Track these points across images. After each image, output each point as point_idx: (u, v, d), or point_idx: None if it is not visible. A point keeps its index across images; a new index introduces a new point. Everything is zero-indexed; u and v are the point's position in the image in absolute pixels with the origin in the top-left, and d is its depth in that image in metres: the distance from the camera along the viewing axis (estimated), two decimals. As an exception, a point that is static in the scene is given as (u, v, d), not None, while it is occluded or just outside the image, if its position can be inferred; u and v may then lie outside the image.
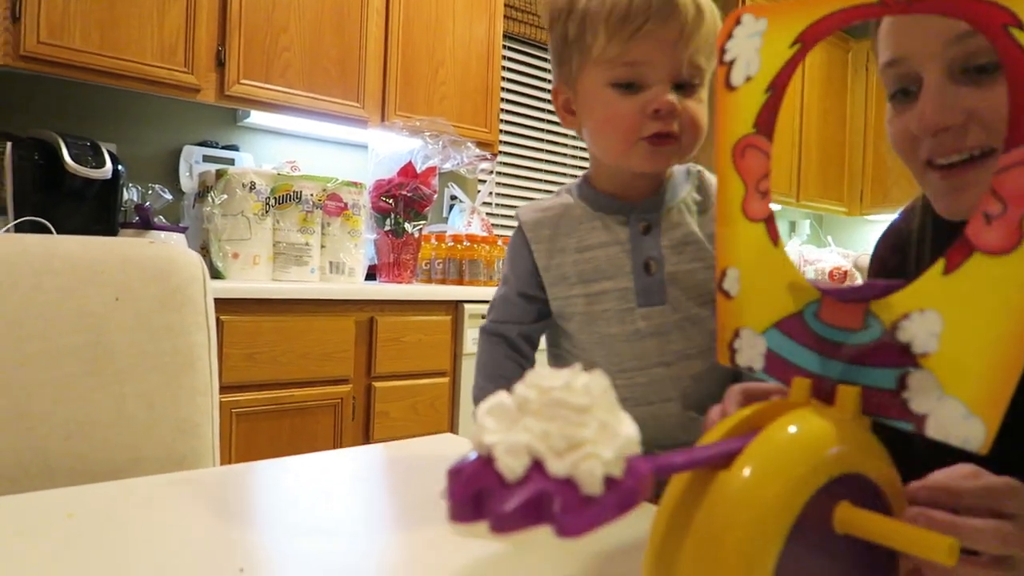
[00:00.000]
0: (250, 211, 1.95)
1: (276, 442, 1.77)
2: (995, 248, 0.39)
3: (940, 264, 0.41)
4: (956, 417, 0.40)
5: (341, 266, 2.10)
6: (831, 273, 3.68)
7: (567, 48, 0.70)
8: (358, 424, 1.92)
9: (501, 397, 0.32)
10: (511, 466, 0.29)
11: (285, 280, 1.97)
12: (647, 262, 0.73)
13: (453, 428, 2.11)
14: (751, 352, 0.51)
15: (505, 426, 0.31)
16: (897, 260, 0.72)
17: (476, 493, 0.29)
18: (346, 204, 2.11)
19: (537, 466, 0.29)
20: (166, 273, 0.96)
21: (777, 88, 0.49)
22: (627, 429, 0.31)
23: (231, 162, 2.23)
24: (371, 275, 2.28)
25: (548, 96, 3.26)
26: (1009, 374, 0.39)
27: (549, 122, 3.29)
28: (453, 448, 0.88)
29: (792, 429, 0.38)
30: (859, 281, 3.25)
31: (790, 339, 0.48)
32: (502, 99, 3.03)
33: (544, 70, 3.24)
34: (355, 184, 2.14)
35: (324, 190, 2.08)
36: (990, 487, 0.41)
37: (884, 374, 0.43)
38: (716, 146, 0.53)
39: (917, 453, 0.45)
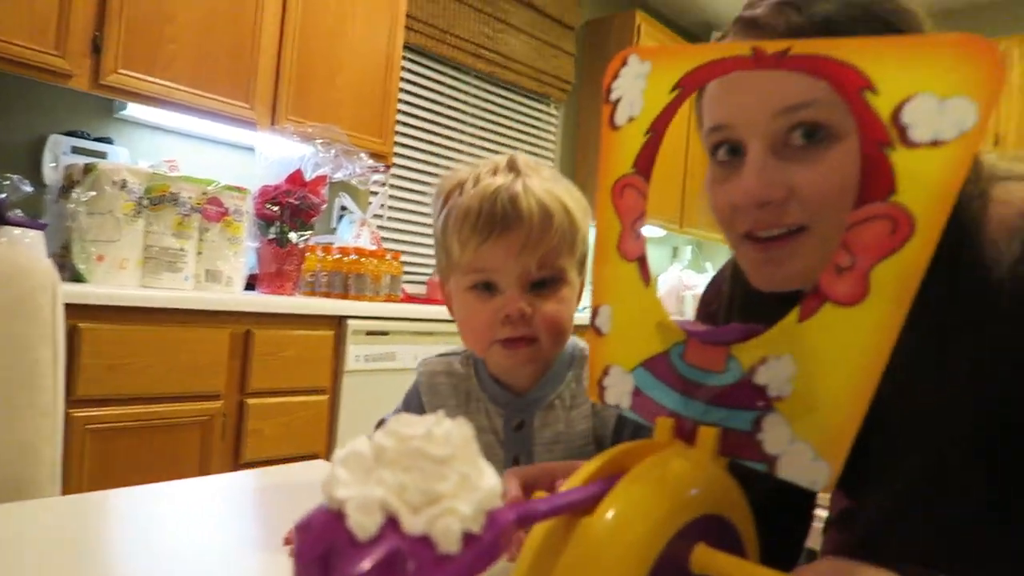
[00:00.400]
0: (120, 210, 1.81)
1: (135, 462, 1.65)
2: (845, 299, 0.41)
3: (795, 312, 0.43)
4: (805, 459, 0.42)
5: (218, 275, 1.99)
6: (708, 300, 3.87)
7: (439, 248, 0.74)
8: (228, 443, 1.82)
9: (358, 445, 0.30)
10: (363, 524, 0.27)
11: (156, 287, 1.84)
12: (516, 457, 0.74)
13: (330, 448, 2.04)
14: (620, 390, 0.51)
15: (359, 477, 0.29)
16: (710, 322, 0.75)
17: (325, 552, 0.27)
18: (227, 209, 2.00)
19: (392, 522, 0.28)
20: (9, 279, 0.87)
21: (657, 130, 0.51)
22: (488, 481, 0.30)
23: (103, 156, 2.07)
24: (251, 285, 2.18)
25: (446, 111, 3.26)
26: (853, 421, 0.41)
27: (446, 136, 3.28)
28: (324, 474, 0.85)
29: (653, 473, 0.38)
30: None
31: (656, 378, 0.49)
32: (399, 110, 2.99)
33: (443, 84, 3.24)
34: (238, 189, 2.04)
35: (204, 193, 1.97)
36: None
37: (742, 416, 0.44)
38: (598, 184, 0.54)
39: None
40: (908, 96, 0.39)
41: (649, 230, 4.09)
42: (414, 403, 0.81)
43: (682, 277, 4.02)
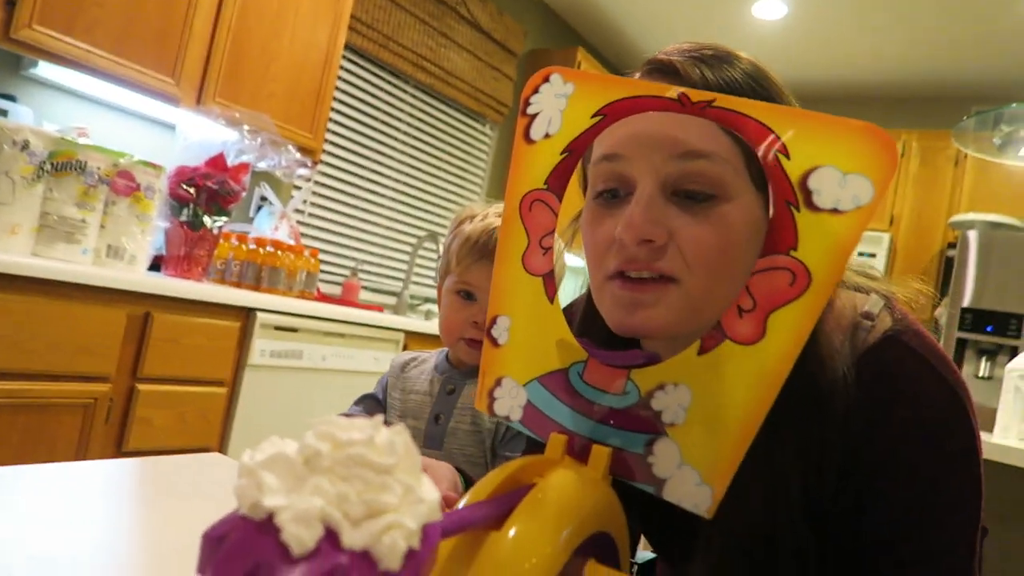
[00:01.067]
0: (17, 172, 1.69)
1: (4, 443, 1.53)
2: (743, 338, 0.45)
3: (696, 345, 0.46)
4: (690, 484, 0.44)
5: (121, 251, 1.88)
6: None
7: (444, 256, 0.91)
8: (112, 429, 1.71)
9: (281, 447, 0.27)
10: (300, 537, 0.24)
11: (49, 257, 1.73)
12: (438, 415, 0.89)
13: (223, 443, 1.95)
14: (511, 402, 0.52)
15: (290, 485, 0.26)
16: None
17: (251, 568, 0.24)
18: (139, 185, 1.91)
19: (330, 535, 0.25)
20: None
21: (574, 152, 0.51)
22: (430, 494, 0.28)
23: (3, 113, 1.93)
24: (156, 266, 2.08)
25: (381, 115, 3.23)
26: (739, 451, 0.44)
27: (378, 141, 3.25)
28: (221, 470, 0.81)
29: (555, 493, 0.39)
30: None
31: (552, 394, 0.50)
32: (333, 108, 2.94)
33: (381, 89, 3.21)
34: (153, 165, 1.94)
35: (115, 165, 1.87)
36: None
37: (635, 438, 0.46)
38: (506, 194, 0.54)
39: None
40: (816, 165, 0.43)
41: (573, 260, 4.16)
42: (381, 382, 0.99)
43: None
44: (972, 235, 3.38)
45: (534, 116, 0.52)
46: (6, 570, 0.45)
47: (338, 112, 3.03)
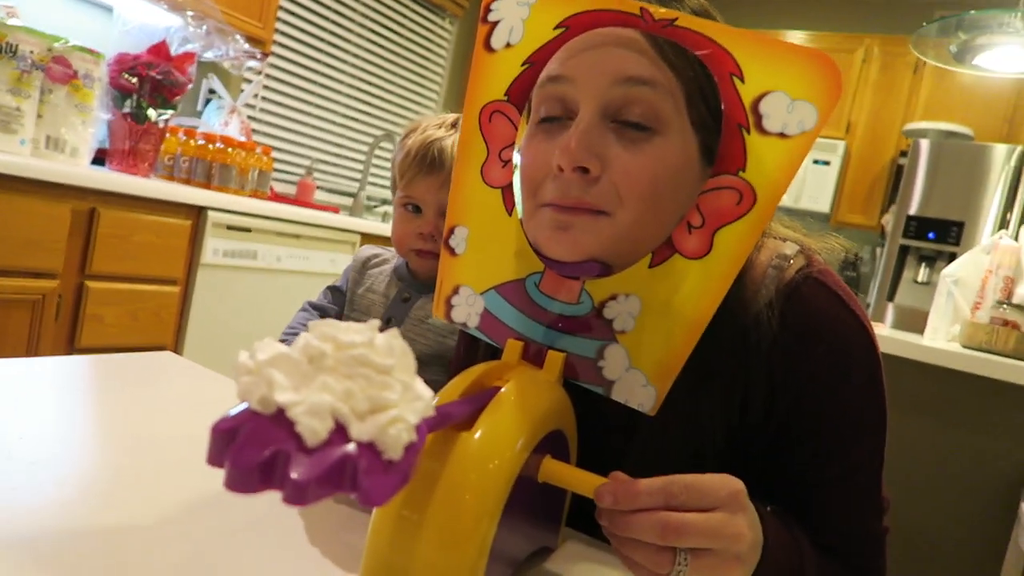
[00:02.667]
0: (-58, 54, 1.58)
1: (-51, 336, 1.51)
2: (691, 252, 0.48)
3: (648, 258, 0.49)
4: (637, 385, 0.48)
5: (62, 143, 1.80)
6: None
7: (393, 170, 0.92)
8: (63, 326, 1.70)
9: (282, 348, 0.29)
10: (314, 429, 0.26)
11: (-17, 147, 1.65)
12: (389, 318, 0.92)
13: (178, 342, 1.96)
14: (468, 310, 0.54)
15: (296, 382, 0.28)
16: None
17: (269, 458, 0.25)
18: (76, 72, 1.80)
19: (339, 428, 0.27)
20: None
21: (537, 64, 0.51)
22: (425, 391, 0.30)
23: (-79, -13, 1.78)
24: (99, 160, 2.00)
25: (334, 4, 3.07)
26: (682, 356, 0.47)
27: (332, 33, 3.10)
28: (173, 368, 0.82)
29: (517, 397, 0.41)
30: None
31: (508, 303, 0.52)
32: (283, -5, 2.78)
33: (334, -24, 3.03)
34: (91, 52, 1.83)
35: (50, 50, 1.76)
36: (663, 484, 0.41)
37: (587, 344, 0.50)
38: (465, 104, 0.53)
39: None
40: (767, 90, 0.45)
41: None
42: (342, 280, 1.00)
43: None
44: (924, 143, 3.45)
45: (495, 24, 0.51)
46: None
47: (289, 0, 2.87)
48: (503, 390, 0.41)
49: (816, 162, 3.90)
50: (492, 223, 0.53)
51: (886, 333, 1.84)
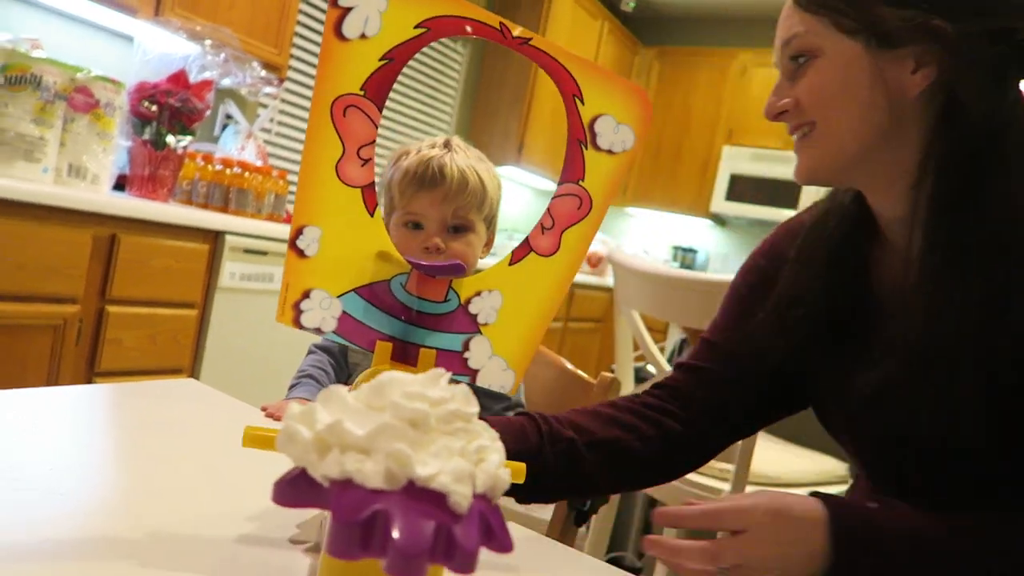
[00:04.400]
0: (-31, 86, 1.63)
1: (-27, 361, 1.53)
2: (544, 251, 0.54)
3: (508, 257, 0.54)
4: (498, 370, 0.54)
5: (83, 171, 1.84)
6: (589, 256, 4.01)
7: (385, 195, 0.94)
8: (83, 350, 1.72)
9: (372, 418, 0.28)
10: (463, 495, 0.26)
11: (7, 176, 1.68)
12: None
13: (196, 365, 1.98)
14: (323, 313, 0.53)
15: (421, 447, 0.27)
16: (758, 295, 0.76)
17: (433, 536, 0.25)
18: (98, 101, 1.84)
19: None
20: None
21: (396, 61, 0.51)
22: (485, 428, 0.31)
23: (-51, 21, 1.84)
24: (119, 186, 2.04)
25: (349, 30, 3.11)
26: (536, 341, 0.54)
27: (346, 58, 3.14)
28: (196, 396, 0.83)
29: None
30: (609, 268, 3.57)
31: (372, 305, 0.53)
32: (299, 22, 2.83)
33: (348, 2, 3.08)
34: (112, 81, 1.88)
35: (72, 80, 1.80)
36: (706, 511, 0.56)
37: (453, 338, 0.54)
38: (314, 94, 0.51)
39: None
40: (600, 113, 0.53)
41: (539, 181, 4.15)
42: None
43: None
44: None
45: (348, 10, 0.49)
46: None
47: (304, 27, 2.92)
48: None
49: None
50: (350, 224, 0.52)
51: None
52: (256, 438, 0.43)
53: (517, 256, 0.54)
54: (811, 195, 0.79)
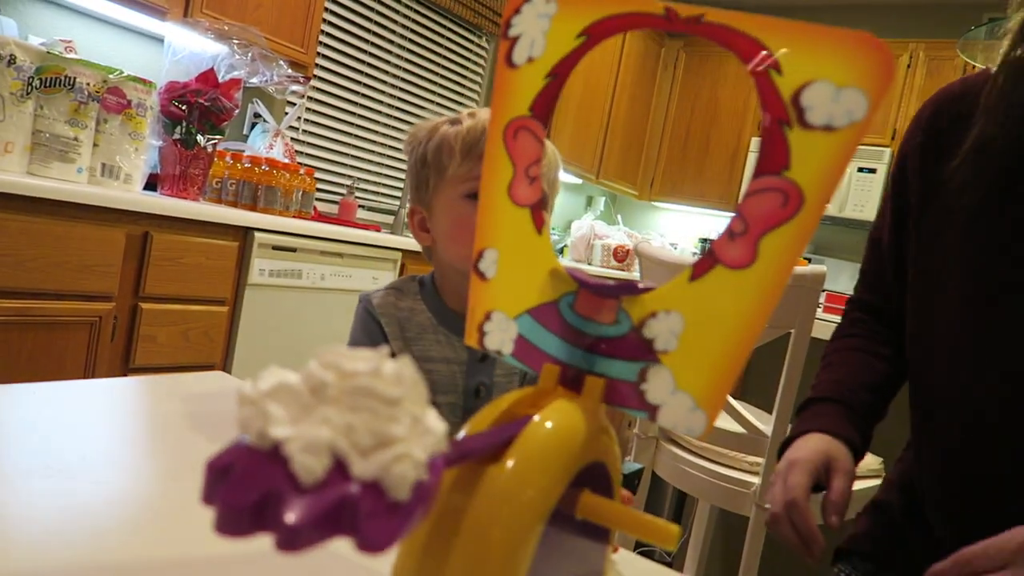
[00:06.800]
0: (7, 89, 1.66)
1: (14, 359, 1.57)
2: (735, 263, 0.44)
3: (687, 271, 0.46)
4: (684, 409, 0.45)
5: (116, 170, 1.88)
6: (616, 250, 3.98)
7: (424, 169, 0.81)
8: (118, 346, 1.76)
9: (286, 376, 0.27)
10: (310, 467, 0.24)
11: (44, 176, 1.72)
12: (478, 387, 0.80)
13: (227, 360, 2.01)
14: (502, 336, 0.52)
15: (295, 415, 0.26)
16: (949, 136, 0.78)
17: (260, 498, 0.24)
18: (129, 101, 1.88)
19: (339, 466, 0.25)
20: None
21: (559, 75, 0.50)
22: (437, 424, 0.28)
23: (-14, 25, 1.88)
24: (151, 185, 2.07)
25: (374, 27, 3.14)
26: (731, 375, 0.45)
27: (372, 55, 3.16)
28: (226, 388, 0.85)
29: (551, 424, 0.40)
30: (637, 262, 3.55)
31: (542, 327, 0.50)
32: (324, 20, 2.85)
33: (373, -1, 3.10)
34: (143, 81, 1.91)
35: (105, 81, 1.83)
36: (956, 559, 0.56)
37: (627, 367, 0.47)
38: (490, 122, 0.52)
39: None
40: (809, 80, 0.42)
41: (566, 176, 4.13)
42: (372, 326, 0.84)
43: (594, 227, 4.10)
44: (972, 154, 3.34)
45: (516, 39, 0.50)
46: (25, 478, 0.48)
47: (330, 24, 2.94)
48: (536, 418, 0.39)
49: (861, 170, 3.82)
50: (522, 244, 0.52)
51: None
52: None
53: (700, 269, 0.45)
54: (842, 191, 0.78)
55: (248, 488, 0.24)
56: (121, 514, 0.47)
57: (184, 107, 2.03)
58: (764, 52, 0.43)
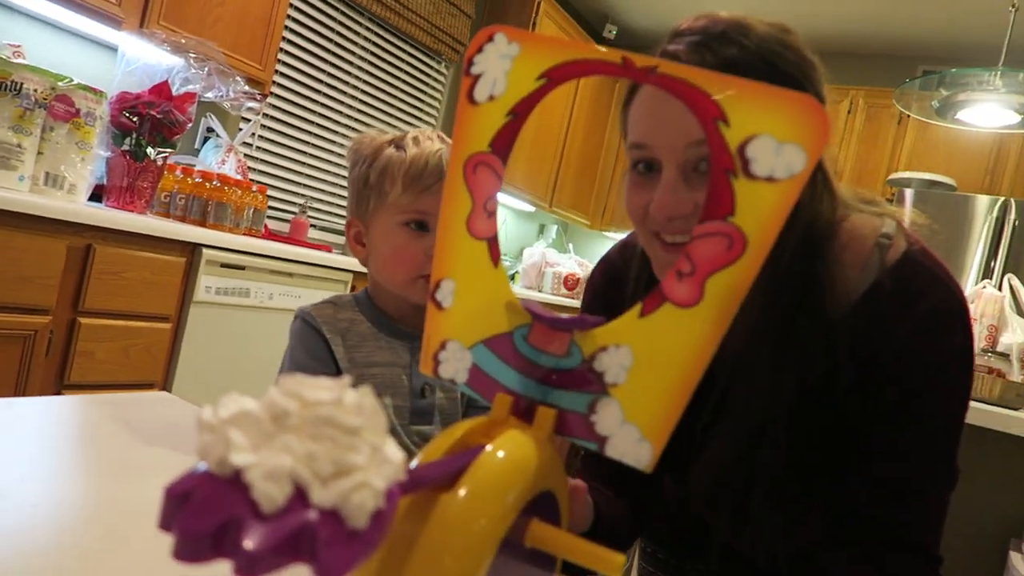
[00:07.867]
0: (-54, 91, 1.61)
1: (-62, 370, 1.50)
2: (682, 301, 0.47)
3: (638, 308, 0.48)
4: (632, 440, 0.47)
5: (60, 180, 1.82)
6: (566, 278, 4.03)
7: (366, 189, 0.81)
8: (52, 361, 1.69)
9: (247, 404, 0.28)
10: (270, 494, 0.24)
11: (-18, 183, 1.66)
12: (423, 387, 0.83)
13: (168, 379, 1.95)
14: (456, 365, 0.53)
15: (256, 442, 0.26)
16: (613, 295, 0.81)
17: (219, 525, 0.24)
18: (78, 110, 1.83)
19: (298, 494, 0.25)
20: None
21: (520, 114, 0.52)
22: (395, 455, 0.29)
23: (-72, 25, 1.82)
24: (96, 196, 2.02)
25: (334, 48, 3.14)
26: (677, 408, 0.47)
27: (331, 75, 3.16)
28: (169, 410, 0.83)
29: (503, 454, 0.41)
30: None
31: (497, 357, 0.52)
32: (284, 39, 2.84)
33: (335, 20, 3.11)
34: (94, 90, 1.87)
35: (53, 88, 1.79)
36: None
37: (578, 398, 0.49)
38: (450, 156, 0.54)
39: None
40: (753, 134, 0.45)
41: (519, 203, 4.18)
42: (317, 347, 0.84)
43: (545, 254, 4.14)
44: (908, 193, 3.52)
45: (478, 77, 0.52)
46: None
47: (289, 42, 2.93)
48: (488, 448, 0.40)
49: (803, 209, 3.96)
50: (478, 276, 0.53)
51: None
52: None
53: (649, 306, 0.47)
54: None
55: (209, 515, 0.24)
56: (56, 539, 0.46)
57: (135, 118, 1.99)
58: (712, 105, 0.45)
